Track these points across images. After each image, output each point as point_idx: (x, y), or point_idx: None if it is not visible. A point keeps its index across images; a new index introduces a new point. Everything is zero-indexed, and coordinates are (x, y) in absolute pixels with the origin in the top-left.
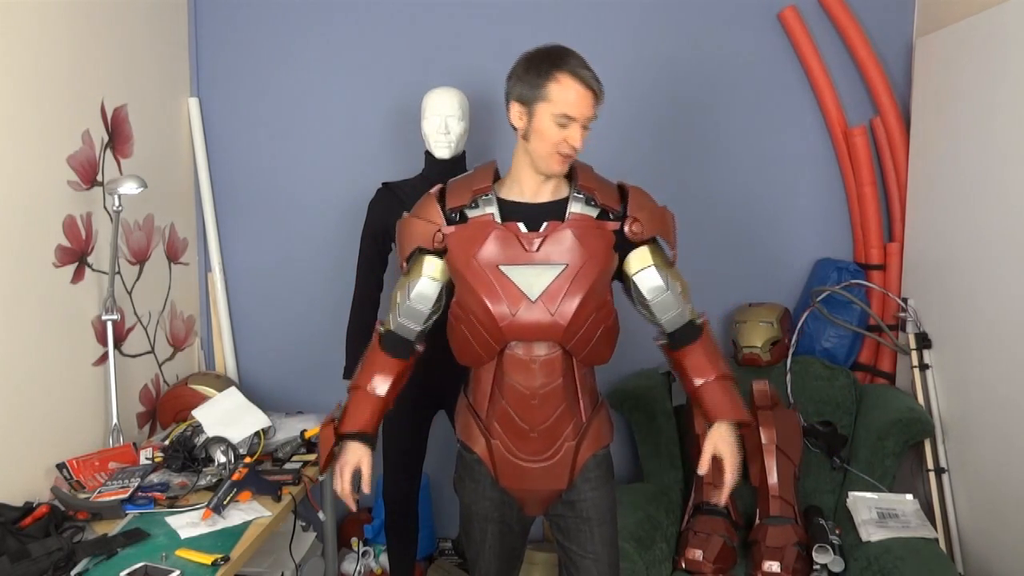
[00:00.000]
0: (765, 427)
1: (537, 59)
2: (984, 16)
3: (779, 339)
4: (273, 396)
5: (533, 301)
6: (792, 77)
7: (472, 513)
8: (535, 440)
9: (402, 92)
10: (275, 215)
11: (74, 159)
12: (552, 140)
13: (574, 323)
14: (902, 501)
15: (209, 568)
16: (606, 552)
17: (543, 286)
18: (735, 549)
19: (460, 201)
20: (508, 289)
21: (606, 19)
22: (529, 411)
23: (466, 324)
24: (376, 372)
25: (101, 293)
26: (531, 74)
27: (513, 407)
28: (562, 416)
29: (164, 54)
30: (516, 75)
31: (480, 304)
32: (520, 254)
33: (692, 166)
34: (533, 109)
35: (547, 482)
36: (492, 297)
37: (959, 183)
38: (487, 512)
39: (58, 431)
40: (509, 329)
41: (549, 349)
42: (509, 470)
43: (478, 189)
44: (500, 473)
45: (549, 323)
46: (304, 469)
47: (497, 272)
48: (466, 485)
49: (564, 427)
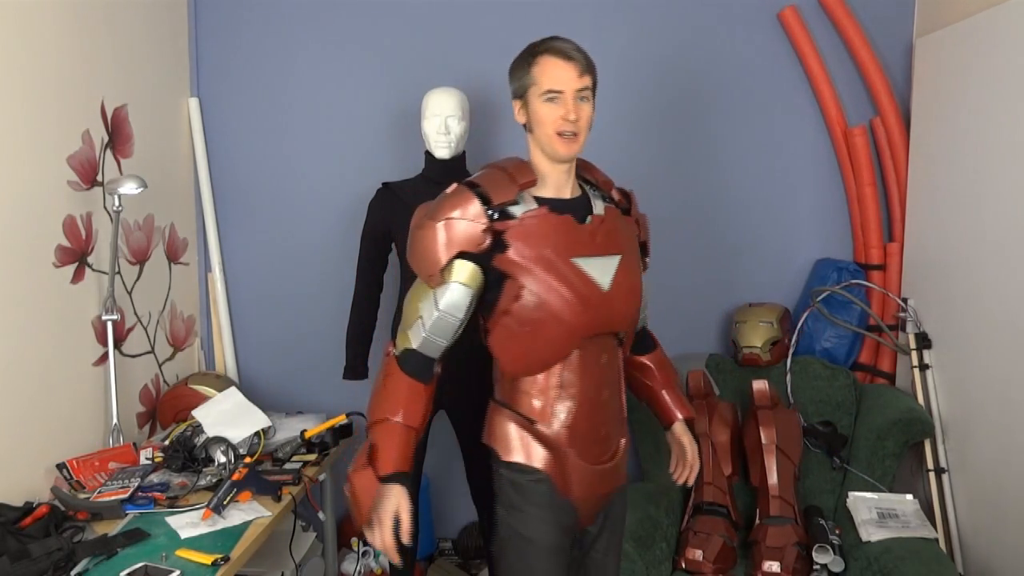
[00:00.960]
0: (765, 427)
1: (522, 53)
2: (984, 16)
3: (779, 339)
4: (273, 396)
5: (606, 291)
6: (792, 77)
7: (537, 548)
8: (603, 440)
9: (402, 92)
10: (275, 215)
11: (74, 159)
12: (548, 120)
13: (636, 311)
14: (902, 501)
15: (209, 568)
16: (616, 554)
17: (611, 276)
18: (735, 549)
19: (506, 197)
20: (586, 281)
21: (606, 19)
22: (600, 410)
23: (532, 327)
24: (402, 400)
25: (101, 293)
26: (518, 67)
27: (585, 408)
28: (619, 411)
29: (164, 54)
30: (510, 75)
31: (561, 299)
32: (585, 246)
33: (692, 166)
34: (527, 99)
35: (613, 482)
36: (575, 290)
37: (959, 183)
38: (558, 542)
39: (58, 431)
40: (593, 322)
41: (610, 342)
42: (586, 478)
43: (525, 183)
44: (575, 483)
45: (622, 313)
46: (304, 469)
47: (571, 265)
48: (527, 514)
49: (618, 423)
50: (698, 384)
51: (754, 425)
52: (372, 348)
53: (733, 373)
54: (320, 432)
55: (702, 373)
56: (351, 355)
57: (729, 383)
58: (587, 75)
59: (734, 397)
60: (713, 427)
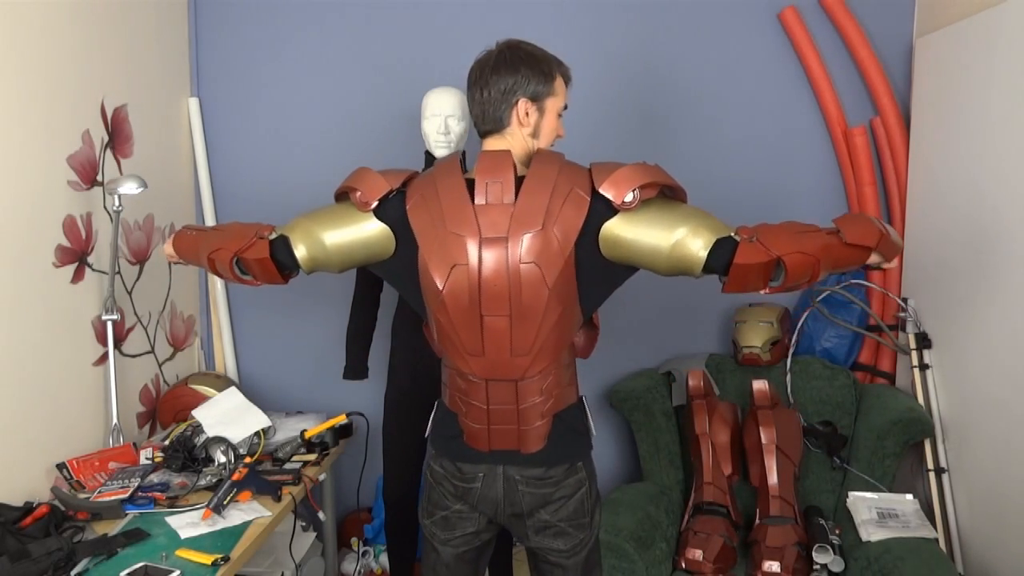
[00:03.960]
0: (765, 427)
1: (549, 60)
2: (984, 16)
3: (779, 339)
4: (273, 396)
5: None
6: (792, 77)
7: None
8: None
9: (402, 92)
10: (275, 215)
11: (74, 159)
12: (555, 132)
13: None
14: (902, 501)
15: (209, 568)
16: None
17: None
18: (735, 549)
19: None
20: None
21: (606, 19)
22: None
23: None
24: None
25: (101, 293)
26: (547, 73)
27: None
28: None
29: (164, 54)
30: (529, 73)
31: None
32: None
33: (691, 166)
34: (543, 105)
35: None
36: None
37: (959, 183)
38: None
39: (58, 431)
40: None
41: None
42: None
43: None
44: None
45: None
46: (304, 469)
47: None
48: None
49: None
50: (698, 384)
51: (754, 425)
52: (372, 348)
53: (733, 373)
54: (320, 432)
55: (702, 373)
56: (351, 355)
57: (729, 383)
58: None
59: (734, 397)
60: (713, 427)
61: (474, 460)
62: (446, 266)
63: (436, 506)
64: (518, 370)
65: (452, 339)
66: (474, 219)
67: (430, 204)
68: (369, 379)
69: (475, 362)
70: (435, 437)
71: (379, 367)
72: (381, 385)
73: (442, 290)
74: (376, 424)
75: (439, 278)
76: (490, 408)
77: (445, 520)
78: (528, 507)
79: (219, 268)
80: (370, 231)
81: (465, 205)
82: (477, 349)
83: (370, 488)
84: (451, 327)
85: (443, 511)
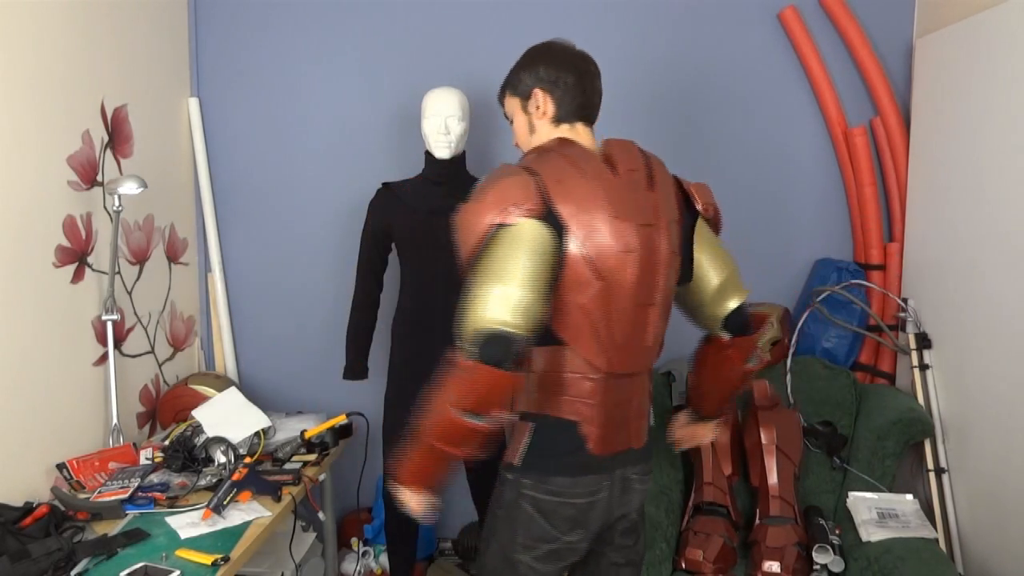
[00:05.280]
0: (765, 427)
1: (562, 54)
2: (984, 16)
3: (779, 339)
4: (273, 396)
5: None
6: (792, 77)
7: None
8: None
9: (402, 92)
10: (275, 215)
11: (74, 159)
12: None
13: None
14: (902, 501)
15: (209, 568)
16: None
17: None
18: (735, 549)
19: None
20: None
21: (606, 19)
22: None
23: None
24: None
25: (101, 293)
26: (563, 73)
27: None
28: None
29: (164, 54)
30: (535, 68)
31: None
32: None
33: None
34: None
35: None
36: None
37: (959, 183)
38: None
39: (58, 431)
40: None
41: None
42: None
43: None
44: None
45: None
46: (304, 469)
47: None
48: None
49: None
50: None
51: (754, 425)
52: (372, 348)
53: None
54: (320, 432)
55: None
56: (351, 355)
57: None
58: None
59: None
60: None
61: (596, 470)
62: (613, 253)
63: (541, 540)
64: (650, 360)
65: (598, 332)
66: (633, 206)
67: (575, 192)
68: (369, 379)
69: (615, 356)
70: (540, 460)
71: (379, 367)
72: (381, 385)
73: (608, 277)
74: (376, 424)
75: (605, 265)
76: (615, 406)
77: (554, 554)
78: (636, 506)
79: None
80: (539, 238)
81: (620, 192)
82: (622, 341)
83: (370, 488)
84: (603, 318)
85: (550, 544)
